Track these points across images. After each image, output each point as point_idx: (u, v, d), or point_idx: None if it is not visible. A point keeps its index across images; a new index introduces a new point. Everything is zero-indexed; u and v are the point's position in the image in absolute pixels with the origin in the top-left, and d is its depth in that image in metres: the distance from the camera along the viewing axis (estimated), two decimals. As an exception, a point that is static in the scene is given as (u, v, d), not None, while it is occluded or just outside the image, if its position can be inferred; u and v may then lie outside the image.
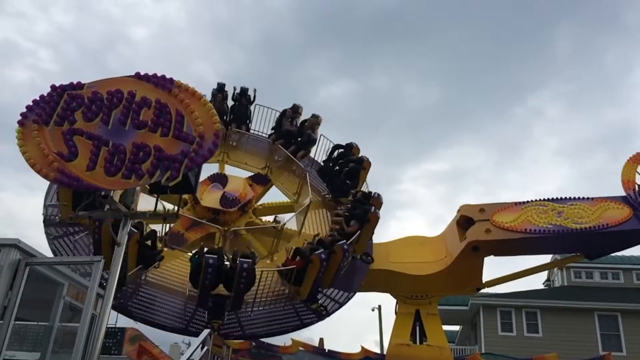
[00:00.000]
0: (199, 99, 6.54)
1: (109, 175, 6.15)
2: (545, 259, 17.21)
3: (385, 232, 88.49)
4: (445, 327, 17.00)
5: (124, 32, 77.31)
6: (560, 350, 20.43)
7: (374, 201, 12.56)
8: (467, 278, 13.24)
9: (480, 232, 12.83)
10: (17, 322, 7.32)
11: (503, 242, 12.67)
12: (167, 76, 6.88)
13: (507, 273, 14.45)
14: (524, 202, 13.26)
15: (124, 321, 19.72)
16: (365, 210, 12.16)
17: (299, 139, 14.44)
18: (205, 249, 10.43)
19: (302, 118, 14.94)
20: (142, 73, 6.89)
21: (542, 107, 74.42)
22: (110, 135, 6.37)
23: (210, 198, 12.51)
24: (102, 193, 6.53)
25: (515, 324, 27.07)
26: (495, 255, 13.24)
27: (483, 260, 13.03)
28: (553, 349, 20.46)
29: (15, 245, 5.66)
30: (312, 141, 14.53)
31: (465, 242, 12.87)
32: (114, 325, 19.17)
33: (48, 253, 9.71)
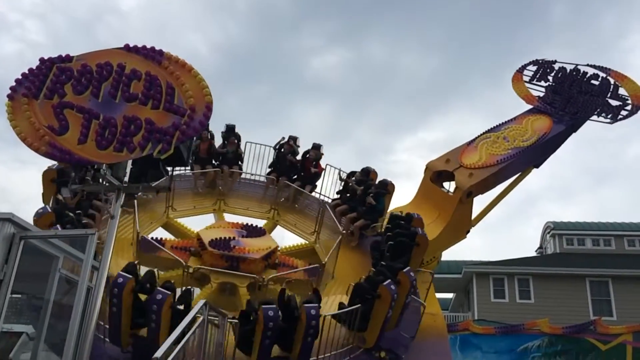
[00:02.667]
0: (189, 70, 6.49)
1: (101, 148, 6.15)
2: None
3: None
4: (439, 295, 17.20)
5: (113, 3, 76.11)
6: (552, 315, 20.83)
7: (416, 222, 10.72)
8: (462, 225, 13.59)
9: (465, 178, 13.38)
10: (13, 296, 7.39)
11: (486, 179, 13.43)
12: (157, 48, 6.83)
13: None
14: (471, 141, 14.21)
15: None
16: (412, 233, 10.28)
17: (302, 173, 13.02)
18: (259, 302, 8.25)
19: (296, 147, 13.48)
20: (131, 45, 6.83)
21: (536, 75, 74.02)
22: (101, 108, 6.34)
23: (212, 232, 10.90)
24: (94, 167, 6.54)
25: (507, 291, 27.49)
26: (481, 194, 13.94)
27: (472, 203, 13.64)
28: (545, 314, 20.79)
29: (9, 219, 5.66)
30: (319, 174, 13.10)
31: (458, 192, 13.26)
32: (110, 297, 19.35)
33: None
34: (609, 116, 15.39)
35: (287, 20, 79.15)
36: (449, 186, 13.76)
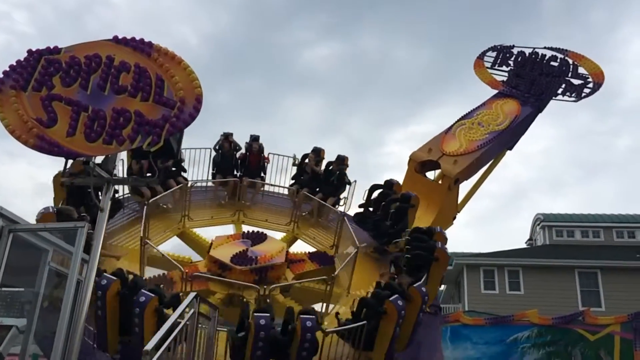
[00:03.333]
0: (178, 63, 6.46)
1: (90, 141, 6.12)
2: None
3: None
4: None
5: (102, -7, 75.46)
6: (541, 306, 20.97)
7: (438, 237, 9.94)
8: (450, 212, 13.85)
9: (451, 165, 13.71)
10: (3, 289, 7.37)
11: (470, 165, 13.78)
12: (147, 39, 6.79)
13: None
14: (448, 129, 14.56)
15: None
16: (431, 247, 9.55)
17: (325, 185, 12.39)
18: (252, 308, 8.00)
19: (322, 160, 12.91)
20: (120, 36, 6.78)
21: (526, 67, 74.26)
22: (90, 101, 6.30)
23: (223, 250, 10.17)
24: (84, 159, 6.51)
25: (497, 283, 27.68)
26: (466, 179, 14.28)
27: (458, 189, 14.02)
28: (534, 306, 20.95)
29: (-3, 212, 5.64)
30: (344, 185, 12.43)
31: (446, 180, 13.57)
32: (101, 290, 19.29)
33: (31, 220, 9.69)
34: (573, 95, 16.06)
35: (279, 12, 78.93)
36: (433, 175, 14.05)
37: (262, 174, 12.73)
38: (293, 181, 12.72)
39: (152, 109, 6.23)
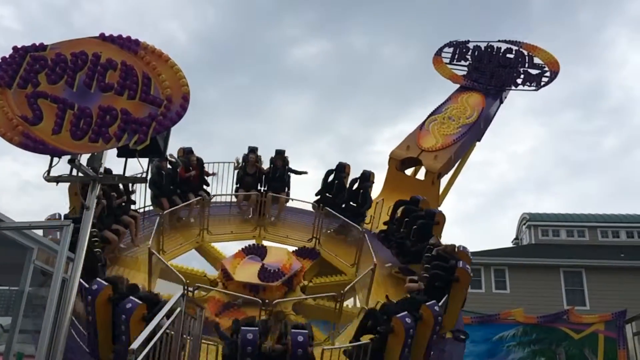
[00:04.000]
0: (165, 61, 6.45)
1: (76, 139, 6.10)
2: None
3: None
4: (416, 286, 17.45)
5: (89, -10, 74.85)
6: (527, 305, 21.14)
7: (460, 255, 9.30)
8: (434, 206, 13.99)
9: (432, 161, 14.06)
10: (-13, 287, 7.31)
11: (449, 159, 14.23)
12: (134, 37, 6.77)
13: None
14: (421, 125, 15.01)
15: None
16: (451, 266, 8.85)
17: (351, 202, 11.94)
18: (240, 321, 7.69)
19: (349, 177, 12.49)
20: (107, 33, 6.76)
21: (514, 68, 74.71)
22: (76, 98, 6.28)
23: (245, 272, 9.89)
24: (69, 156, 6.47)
25: (483, 281, 27.85)
26: (445, 174, 14.66)
27: (440, 184, 14.34)
28: (520, 304, 21.11)
29: (-19, 210, 5.60)
30: (368, 202, 12.00)
31: (430, 175, 13.97)
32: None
33: (16, 218, 9.60)
34: (532, 84, 16.67)
35: (267, 9, 78.71)
36: (412, 172, 14.29)
37: (287, 189, 12.46)
38: (318, 196, 12.26)
39: (139, 107, 6.22)
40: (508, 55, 17.36)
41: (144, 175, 6.66)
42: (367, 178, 12.07)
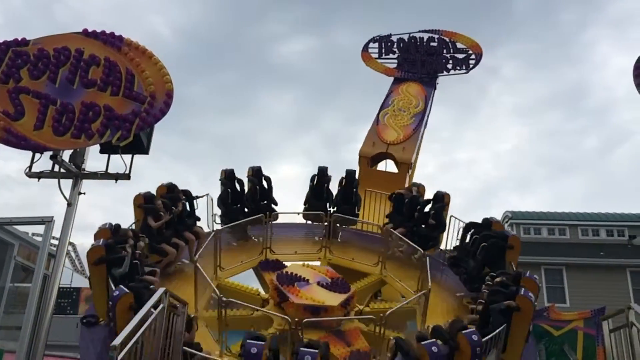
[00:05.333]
0: (149, 57, 6.46)
1: (58, 134, 6.09)
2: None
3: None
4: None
5: (73, -17, 74.01)
6: (508, 302, 21.32)
7: (525, 282, 8.25)
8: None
9: (402, 153, 14.08)
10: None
11: (415, 149, 14.57)
12: (117, 33, 6.76)
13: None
14: (376, 120, 15.23)
15: (79, 281, 19.64)
16: (511, 293, 7.93)
17: (423, 225, 11.02)
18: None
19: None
20: (90, 29, 6.74)
21: (498, 66, 75.37)
22: (58, 94, 6.27)
23: (294, 268, 9.51)
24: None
25: (466, 279, 28.09)
26: (412, 163, 14.92)
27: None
28: (501, 301, 21.29)
29: (-39, 206, 5.57)
30: (442, 225, 11.11)
31: (404, 167, 13.95)
32: (68, 285, 19.06)
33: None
34: (462, 68, 17.32)
35: (253, 5, 78.48)
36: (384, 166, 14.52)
37: (357, 210, 11.81)
38: (388, 219, 11.45)
39: (122, 103, 6.22)
40: (432, 44, 17.95)
41: (128, 172, 6.64)
42: (440, 199, 11.18)
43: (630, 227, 27.02)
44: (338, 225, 11.35)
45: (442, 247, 11.16)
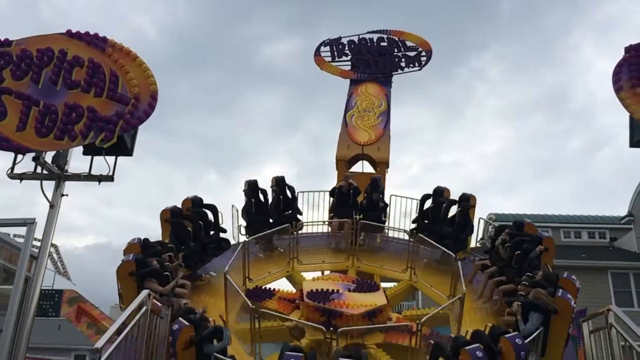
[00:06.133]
0: (134, 59, 6.45)
1: (40, 136, 6.05)
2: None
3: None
4: (384, 284, 17.65)
5: (57, -18, 73.37)
6: (491, 304, 21.49)
7: (563, 283, 7.99)
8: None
9: (378, 152, 14.33)
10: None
11: (389, 147, 14.91)
12: (101, 35, 6.73)
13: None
14: (344, 123, 15.51)
15: (61, 283, 19.44)
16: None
17: (450, 229, 10.90)
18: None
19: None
20: (74, 30, 6.71)
21: (484, 68, 76.04)
22: (41, 95, 6.23)
23: (317, 283, 9.47)
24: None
25: (450, 280, 28.22)
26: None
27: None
28: (484, 303, 21.43)
29: (-59, 207, 5.51)
30: (469, 227, 10.90)
31: (382, 166, 14.08)
32: (50, 287, 18.87)
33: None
34: (415, 65, 17.58)
35: (239, 6, 78.35)
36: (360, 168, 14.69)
37: (383, 217, 11.67)
38: (414, 225, 11.35)
39: (106, 104, 6.20)
40: (382, 44, 18.13)
41: (111, 174, 6.60)
42: (466, 200, 10.97)
43: (611, 229, 27.31)
44: (365, 232, 11.22)
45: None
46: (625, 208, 25.44)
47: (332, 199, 11.49)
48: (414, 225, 11.24)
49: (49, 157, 6.51)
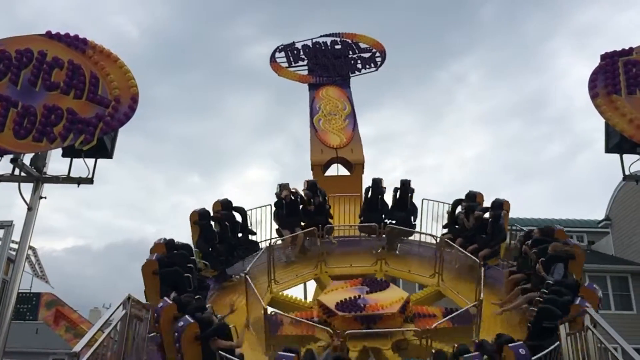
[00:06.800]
0: (114, 61, 6.42)
1: (19, 137, 6.00)
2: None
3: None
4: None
5: (36, -19, 72.45)
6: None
7: (584, 292, 7.70)
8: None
9: (352, 155, 14.51)
10: None
11: (362, 148, 15.31)
12: (81, 36, 6.69)
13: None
14: (312, 128, 15.60)
15: (39, 286, 19.21)
16: (565, 302, 7.39)
17: (483, 235, 10.53)
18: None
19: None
20: (54, 30, 6.66)
21: (465, 73, 76.70)
22: (20, 96, 6.18)
23: (334, 295, 9.19)
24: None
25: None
26: None
27: None
28: (465, 306, 21.55)
29: None
30: (501, 233, 10.56)
31: (358, 167, 14.19)
32: (28, 290, 18.62)
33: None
34: (371, 66, 17.85)
35: (221, 7, 78.15)
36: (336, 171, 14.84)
37: (413, 220, 11.55)
38: (445, 230, 11.15)
39: (86, 107, 6.16)
40: (336, 47, 18.25)
41: (90, 176, 6.56)
42: (499, 206, 10.70)
43: (589, 233, 27.63)
44: (394, 236, 11.12)
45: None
46: (603, 212, 25.79)
47: (276, 209, 11.11)
48: (444, 231, 11.04)
49: (27, 159, 6.46)
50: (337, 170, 14.77)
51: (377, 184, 11.46)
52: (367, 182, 12.85)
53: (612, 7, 69.24)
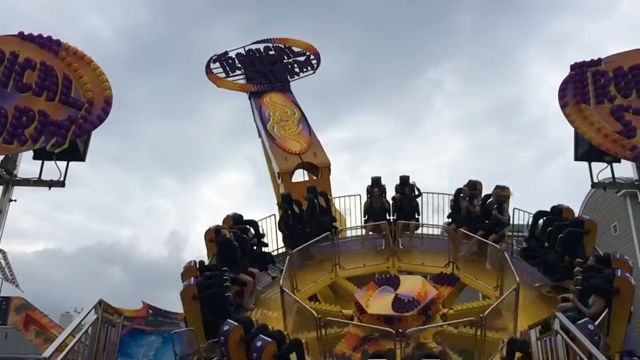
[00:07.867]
0: (88, 63, 6.38)
1: (-11, 139, 5.91)
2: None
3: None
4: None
5: (9, -20, 71.00)
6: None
7: (618, 264, 7.93)
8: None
9: (316, 157, 14.56)
10: None
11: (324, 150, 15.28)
12: (54, 37, 6.63)
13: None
14: (269, 137, 15.50)
15: (9, 290, 18.87)
16: (607, 276, 7.62)
17: (486, 221, 10.77)
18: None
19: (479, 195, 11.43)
20: (26, 30, 6.57)
21: (441, 80, 77.48)
22: (-10, 98, 6.08)
23: (379, 304, 9.25)
24: None
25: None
26: None
27: None
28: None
29: None
30: (504, 221, 10.77)
31: (325, 171, 14.33)
32: (-3, 294, 18.29)
33: None
34: (308, 69, 18.06)
35: (199, 10, 77.68)
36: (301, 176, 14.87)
37: (417, 216, 11.81)
38: (449, 220, 11.44)
39: (58, 109, 6.11)
40: (270, 53, 18.36)
41: (62, 179, 6.49)
42: (501, 190, 11.04)
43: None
44: (402, 231, 11.34)
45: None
46: (574, 218, 26.16)
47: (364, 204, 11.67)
48: (448, 221, 11.37)
49: None
50: (303, 175, 14.87)
51: (376, 182, 11.64)
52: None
53: (585, 17, 70.77)
